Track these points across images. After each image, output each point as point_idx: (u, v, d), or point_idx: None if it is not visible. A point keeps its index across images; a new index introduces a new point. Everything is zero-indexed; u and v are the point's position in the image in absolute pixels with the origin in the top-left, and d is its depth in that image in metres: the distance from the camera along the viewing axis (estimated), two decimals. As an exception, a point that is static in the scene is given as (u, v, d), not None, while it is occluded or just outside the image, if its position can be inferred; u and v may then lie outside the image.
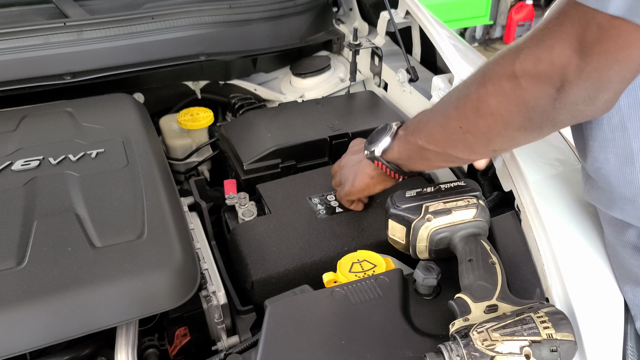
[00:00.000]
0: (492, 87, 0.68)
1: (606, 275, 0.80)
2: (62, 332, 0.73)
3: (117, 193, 0.92)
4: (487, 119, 0.70)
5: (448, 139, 0.79)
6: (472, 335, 0.65)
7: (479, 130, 0.73)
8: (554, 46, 0.59)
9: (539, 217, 0.83)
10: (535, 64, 0.62)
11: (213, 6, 1.47)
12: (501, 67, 0.67)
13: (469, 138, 0.75)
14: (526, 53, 0.63)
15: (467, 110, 0.73)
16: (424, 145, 0.83)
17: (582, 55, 0.57)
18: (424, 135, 0.82)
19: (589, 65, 0.57)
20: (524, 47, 0.64)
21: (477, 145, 0.76)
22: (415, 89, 1.32)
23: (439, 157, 0.83)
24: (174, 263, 0.80)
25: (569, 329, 0.65)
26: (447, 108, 0.77)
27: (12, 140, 1.07)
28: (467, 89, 0.73)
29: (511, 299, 0.71)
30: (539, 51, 0.61)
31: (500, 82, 0.66)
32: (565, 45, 0.58)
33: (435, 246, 0.82)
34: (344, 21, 1.72)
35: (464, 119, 0.74)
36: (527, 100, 0.64)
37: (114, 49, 1.35)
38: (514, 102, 0.66)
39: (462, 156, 0.82)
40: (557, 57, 0.59)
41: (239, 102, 1.48)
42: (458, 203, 0.82)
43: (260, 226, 1.02)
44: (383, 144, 0.90)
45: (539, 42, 0.61)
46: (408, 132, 0.87)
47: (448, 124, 0.77)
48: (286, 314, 0.76)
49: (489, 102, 0.69)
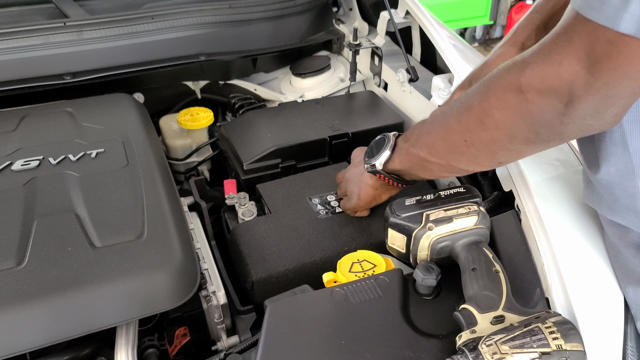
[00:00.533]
0: (496, 100, 0.67)
1: (606, 275, 0.80)
2: (62, 332, 0.73)
3: (117, 193, 0.92)
4: (492, 132, 0.69)
5: (451, 152, 0.77)
6: (481, 349, 0.64)
7: (483, 144, 0.72)
8: (561, 62, 0.59)
9: (539, 217, 0.83)
10: (542, 79, 0.61)
11: (213, 6, 1.47)
12: (506, 81, 0.66)
13: (473, 151, 0.74)
14: (533, 68, 0.62)
15: (471, 123, 0.72)
16: (426, 157, 0.82)
17: (591, 70, 0.57)
18: (426, 148, 0.81)
19: (598, 80, 0.57)
20: (530, 61, 0.63)
21: (482, 158, 0.75)
22: (415, 89, 1.32)
23: (441, 168, 0.82)
24: (173, 263, 0.80)
25: (578, 339, 0.65)
26: (449, 120, 0.76)
27: (12, 140, 1.07)
28: (469, 102, 0.72)
29: (517, 309, 0.71)
30: (546, 66, 0.61)
31: (506, 96, 0.65)
32: (574, 60, 0.58)
33: (436, 255, 0.82)
34: (344, 21, 1.72)
35: (467, 132, 0.73)
36: (533, 114, 0.64)
37: (114, 49, 1.35)
38: (520, 116, 0.65)
39: (466, 168, 0.81)
40: (565, 72, 0.59)
41: (239, 102, 1.48)
42: (459, 211, 0.82)
43: (260, 226, 1.02)
44: (383, 157, 0.90)
45: (546, 57, 0.61)
46: (409, 144, 0.86)
47: (450, 137, 0.76)
48: (286, 314, 0.76)
49: (494, 115, 0.68)
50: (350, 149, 1.27)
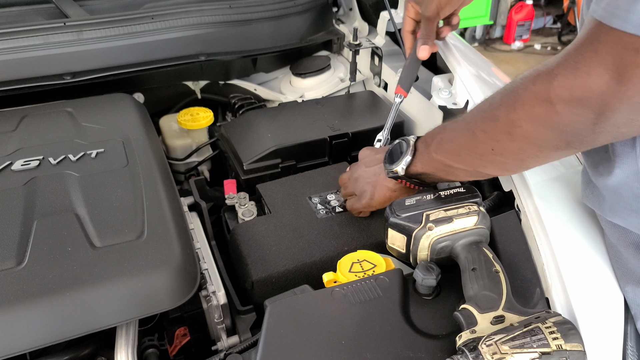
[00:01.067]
0: (523, 112, 0.67)
1: (606, 275, 0.80)
2: (62, 332, 0.73)
3: (117, 193, 0.92)
4: (520, 142, 0.70)
5: (478, 160, 0.78)
6: (481, 349, 0.64)
7: (511, 153, 0.72)
8: (590, 72, 0.59)
9: (539, 217, 0.83)
10: (571, 91, 0.61)
11: (213, 6, 1.47)
12: (533, 93, 0.65)
13: (500, 159, 0.74)
14: (560, 80, 0.62)
15: (498, 134, 0.72)
16: (451, 164, 0.82)
17: (621, 79, 0.57)
18: (450, 155, 0.82)
19: (629, 89, 0.57)
20: (557, 73, 0.63)
21: (510, 164, 0.76)
22: (415, 89, 1.32)
23: (467, 173, 0.83)
24: (173, 263, 0.80)
25: (578, 339, 0.65)
26: (474, 130, 0.76)
27: (12, 140, 1.07)
28: (494, 112, 0.72)
29: (517, 309, 0.71)
30: (574, 77, 0.60)
31: (534, 107, 0.65)
32: (602, 71, 0.58)
33: (436, 255, 0.82)
34: (344, 21, 1.72)
35: (494, 142, 0.73)
36: (563, 124, 0.64)
37: (114, 49, 1.35)
38: (550, 127, 0.65)
39: (494, 173, 0.82)
40: (594, 83, 0.59)
41: (239, 102, 1.48)
42: (459, 211, 0.82)
43: (260, 226, 1.02)
44: (405, 162, 0.89)
45: (574, 69, 0.61)
46: (431, 149, 0.86)
47: (477, 146, 0.76)
48: (286, 314, 0.76)
49: (522, 126, 0.68)
50: (351, 149, 1.27)
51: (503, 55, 5.00)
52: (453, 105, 1.14)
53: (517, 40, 5.08)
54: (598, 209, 0.79)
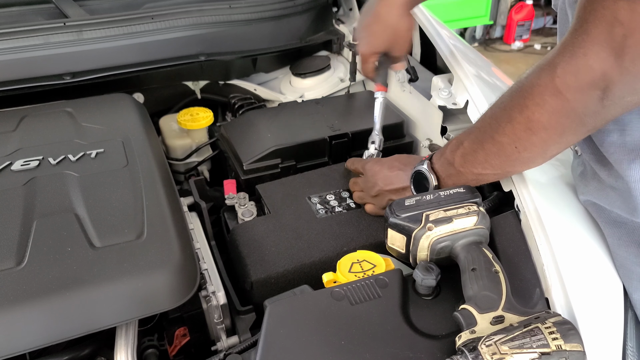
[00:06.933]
0: (536, 107, 0.69)
1: (606, 275, 0.80)
2: (62, 332, 0.73)
3: (117, 193, 0.92)
4: (541, 134, 0.72)
5: (506, 161, 0.80)
6: (480, 349, 0.64)
7: (535, 146, 0.75)
8: (587, 54, 0.61)
9: (539, 217, 0.83)
10: (575, 76, 0.64)
11: (213, 6, 1.47)
12: (540, 86, 0.68)
13: (526, 155, 0.77)
14: (563, 67, 0.65)
15: (518, 132, 0.74)
16: (481, 172, 0.85)
17: (617, 52, 0.59)
18: (478, 164, 0.84)
19: (625, 60, 0.59)
20: (557, 62, 0.65)
21: (535, 157, 0.79)
22: (415, 89, 1.32)
23: (496, 176, 0.88)
24: (173, 263, 0.80)
25: (577, 339, 0.65)
26: (493, 135, 0.78)
27: (11, 140, 1.07)
28: (509, 114, 0.75)
29: (517, 309, 0.71)
30: (574, 62, 0.63)
31: (545, 100, 0.68)
32: (598, 49, 0.60)
33: (436, 255, 0.82)
34: (344, 21, 1.72)
35: (517, 140, 0.75)
36: (577, 109, 0.66)
37: (114, 49, 1.35)
38: (565, 115, 0.68)
39: (521, 169, 0.85)
40: (593, 62, 0.61)
41: (238, 102, 1.48)
42: (459, 211, 0.82)
43: (260, 226, 1.02)
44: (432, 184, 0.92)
45: (572, 54, 0.63)
46: (456, 165, 0.88)
47: (503, 149, 0.78)
48: (286, 314, 0.76)
49: (539, 120, 0.70)
50: (350, 149, 1.27)
51: (503, 55, 5.00)
52: (453, 105, 1.14)
53: (517, 40, 5.08)
54: (609, 204, 0.79)
